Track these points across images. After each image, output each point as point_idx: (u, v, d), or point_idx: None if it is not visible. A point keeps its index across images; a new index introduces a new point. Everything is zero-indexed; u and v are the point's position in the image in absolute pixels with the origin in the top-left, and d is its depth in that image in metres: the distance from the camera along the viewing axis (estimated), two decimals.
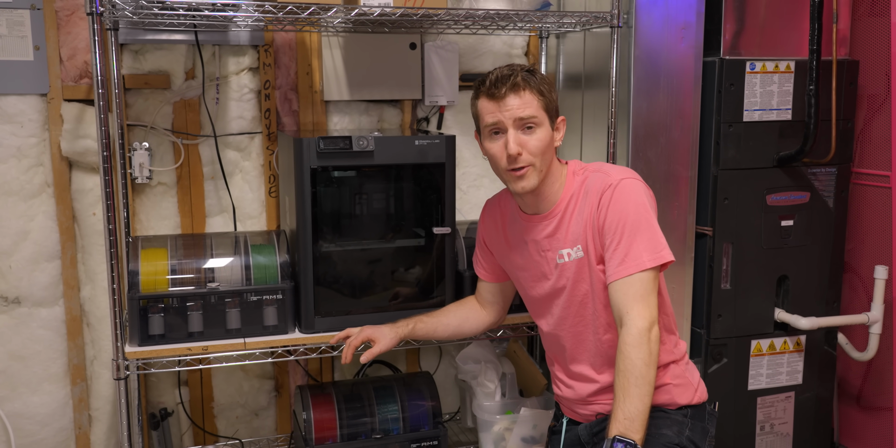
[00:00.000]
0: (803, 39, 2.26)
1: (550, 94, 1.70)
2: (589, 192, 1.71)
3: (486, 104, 1.70)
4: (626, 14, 2.13)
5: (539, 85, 1.68)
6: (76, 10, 2.20)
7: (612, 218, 1.66)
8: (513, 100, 1.66)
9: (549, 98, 1.70)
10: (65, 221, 2.28)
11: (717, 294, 2.32)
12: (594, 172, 1.74)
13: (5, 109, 2.19)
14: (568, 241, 1.74)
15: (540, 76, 1.70)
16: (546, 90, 1.69)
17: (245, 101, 2.38)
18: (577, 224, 1.73)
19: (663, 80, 2.18)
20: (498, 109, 1.67)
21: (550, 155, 1.72)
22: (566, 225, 1.74)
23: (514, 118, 1.66)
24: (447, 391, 2.67)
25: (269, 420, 2.57)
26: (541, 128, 1.68)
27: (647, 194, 1.71)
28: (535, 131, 1.68)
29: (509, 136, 1.67)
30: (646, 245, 1.63)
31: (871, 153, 2.49)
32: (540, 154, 1.68)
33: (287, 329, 2.01)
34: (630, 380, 1.56)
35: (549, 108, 1.70)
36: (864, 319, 2.41)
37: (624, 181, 1.68)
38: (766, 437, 2.46)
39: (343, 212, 2.04)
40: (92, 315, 2.34)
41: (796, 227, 2.37)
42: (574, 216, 1.74)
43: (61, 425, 2.36)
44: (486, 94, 1.69)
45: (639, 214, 1.65)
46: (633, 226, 1.64)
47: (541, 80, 1.70)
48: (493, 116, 1.68)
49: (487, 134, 1.72)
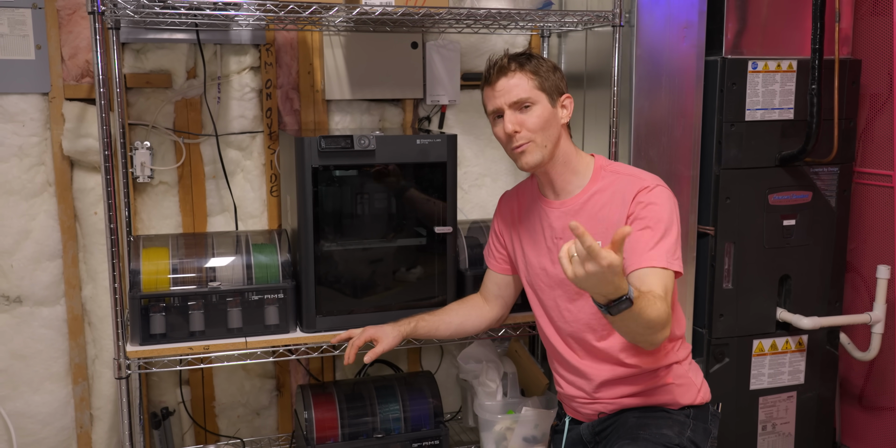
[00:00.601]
0: (805, 38, 2.25)
1: (547, 73, 1.75)
2: (619, 192, 1.73)
3: (486, 92, 1.79)
4: (627, 13, 2.13)
5: (530, 66, 1.74)
6: (77, 9, 2.20)
7: (645, 212, 1.68)
8: (503, 83, 1.74)
9: (543, 77, 1.74)
10: (66, 220, 2.28)
11: (719, 294, 2.32)
12: (627, 176, 1.76)
13: (7, 108, 2.19)
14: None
15: (535, 59, 1.76)
16: (542, 70, 1.75)
17: (246, 100, 2.38)
18: (602, 221, 1.73)
19: (665, 80, 2.18)
20: (493, 95, 1.76)
21: (554, 132, 1.75)
22: (587, 216, 1.75)
23: (509, 101, 1.73)
24: (448, 391, 2.67)
25: (271, 419, 2.57)
26: (537, 105, 1.73)
27: (676, 205, 1.74)
28: (531, 109, 1.74)
29: (506, 116, 1.74)
30: (668, 248, 1.65)
31: (874, 152, 2.49)
32: (539, 130, 1.73)
33: (288, 328, 2.01)
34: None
35: (545, 87, 1.74)
36: (866, 319, 2.40)
37: (659, 187, 1.72)
38: (768, 436, 2.45)
39: (344, 211, 2.04)
40: (93, 314, 2.34)
41: (798, 226, 2.36)
42: (599, 212, 1.74)
43: (63, 424, 2.36)
44: (485, 83, 1.79)
45: (671, 220, 1.68)
46: (665, 227, 1.66)
47: (535, 62, 1.75)
48: (492, 102, 1.77)
49: (493, 120, 1.80)
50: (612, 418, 1.80)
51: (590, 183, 1.78)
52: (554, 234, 1.81)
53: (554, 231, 1.81)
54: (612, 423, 1.79)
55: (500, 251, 1.98)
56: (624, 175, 1.76)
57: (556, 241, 1.80)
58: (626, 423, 1.75)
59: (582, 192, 1.78)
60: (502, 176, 2.65)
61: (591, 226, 1.74)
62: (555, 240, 1.80)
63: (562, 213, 1.79)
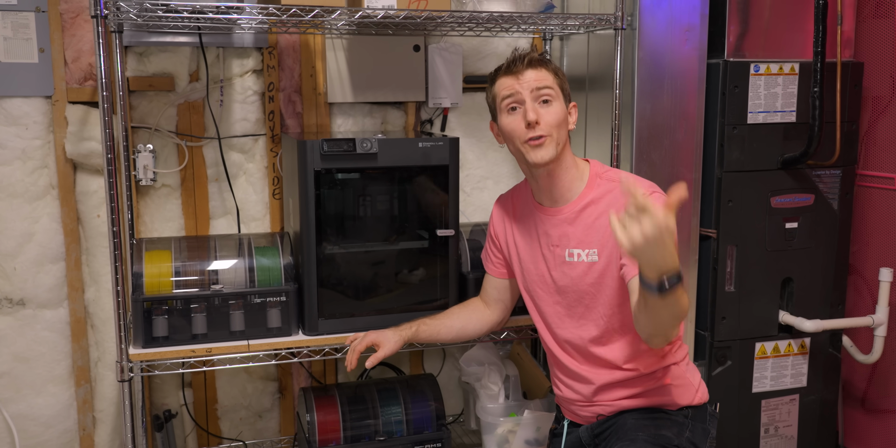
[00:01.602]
0: (808, 41, 2.25)
1: (564, 77, 1.77)
2: (616, 203, 1.71)
3: (504, 80, 1.75)
4: (629, 16, 2.13)
5: (553, 67, 1.76)
6: (81, 12, 2.21)
7: None
8: (531, 73, 1.72)
9: (562, 79, 1.76)
10: (69, 223, 2.28)
11: (722, 296, 2.32)
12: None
13: (10, 111, 2.19)
14: (582, 241, 1.74)
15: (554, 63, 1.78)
16: (560, 73, 1.77)
17: (249, 103, 2.38)
18: (595, 228, 1.73)
19: (667, 83, 2.18)
20: (517, 81, 1.72)
21: (565, 132, 1.76)
22: (583, 226, 1.75)
23: (532, 88, 1.71)
24: (451, 393, 2.67)
25: (273, 422, 2.57)
26: (556, 101, 1.73)
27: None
28: (551, 104, 1.72)
29: (527, 105, 1.71)
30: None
31: (876, 155, 2.49)
32: (556, 126, 1.71)
33: (291, 331, 2.01)
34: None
35: (563, 88, 1.76)
36: (868, 322, 2.40)
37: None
38: (771, 439, 2.45)
39: (347, 214, 2.04)
40: (96, 317, 2.34)
41: (801, 229, 2.36)
42: (595, 220, 1.74)
43: (66, 427, 2.36)
44: (504, 73, 1.76)
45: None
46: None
47: (555, 65, 1.77)
48: (510, 89, 1.73)
49: (504, 109, 1.75)
50: (611, 420, 1.80)
51: (585, 190, 1.77)
52: (550, 242, 1.80)
53: (550, 239, 1.80)
54: (611, 425, 1.79)
55: (497, 255, 1.98)
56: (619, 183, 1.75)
57: (553, 249, 1.79)
58: (625, 425, 1.75)
59: (577, 199, 1.77)
60: (504, 178, 2.65)
61: (586, 235, 1.74)
62: (550, 247, 1.80)
63: (558, 221, 1.79)
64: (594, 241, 1.72)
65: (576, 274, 1.75)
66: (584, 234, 1.74)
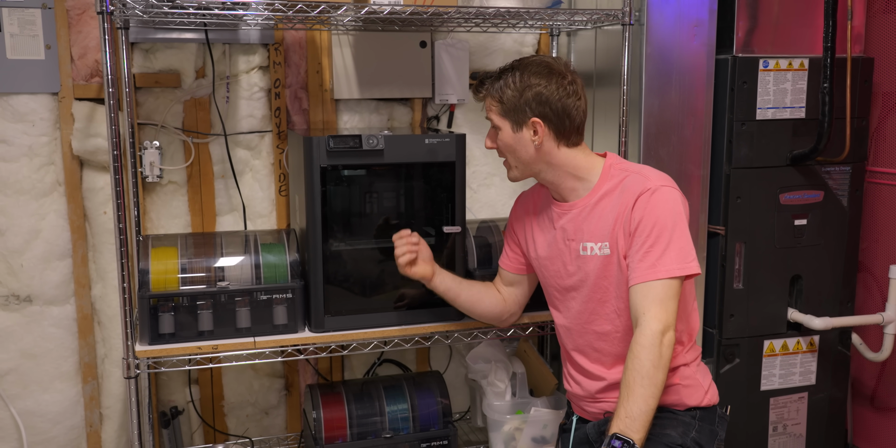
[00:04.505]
0: (817, 37, 2.24)
1: (513, 99, 1.73)
2: (625, 192, 1.71)
3: None
4: (637, 11, 2.12)
5: (494, 91, 1.76)
6: (87, 9, 2.21)
7: (646, 222, 1.66)
8: (482, 102, 1.83)
9: (506, 103, 1.74)
10: (76, 220, 2.29)
11: (730, 294, 2.30)
12: (635, 174, 1.74)
13: (17, 108, 2.19)
14: (595, 235, 1.74)
15: (503, 80, 1.74)
16: (507, 95, 1.74)
17: (255, 99, 2.38)
18: (607, 221, 1.73)
19: (675, 78, 2.17)
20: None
21: (524, 155, 1.77)
22: (595, 218, 1.75)
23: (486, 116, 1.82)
24: (457, 390, 2.67)
25: (279, 419, 2.57)
26: (501, 131, 1.78)
27: (684, 204, 1.72)
28: (498, 133, 1.80)
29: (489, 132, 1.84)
30: (676, 254, 1.63)
31: (886, 151, 2.47)
32: (507, 153, 1.80)
33: (297, 328, 2.01)
34: (637, 380, 1.55)
35: (508, 112, 1.75)
36: (878, 320, 2.39)
37: (663, 188, 1.69)
38: (779, 437, 2.44)
39: (353, 210, 2.04)
40: (103, 313, 2.35)
41: (810, 226, 2.35)
42: (606, 211, 1.74)
43: (73, 423, 2.37)
44: None
45: (675, 223, 1.66)
46: (668, 233, 1.64)
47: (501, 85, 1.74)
48: None
49: None
50: None
51: (598, 183, 1.77)
52: (566, 236, 1.80)
53: (566, 233, 1.80)
54: None
55: (514, 250, 1.98)
56: (632, 173, 1.74)
57: (569, 243, 1.79)
58: None
59: (590, 193, 1.77)
60: None
61: (599, 228, 1.74)
62: (567, 242, 1.80)
63: (573, 216, 1.79)
64: (605, 233, 1.72)
65: (590, 268, 1.75)
66: (596, 226, 1.74)
